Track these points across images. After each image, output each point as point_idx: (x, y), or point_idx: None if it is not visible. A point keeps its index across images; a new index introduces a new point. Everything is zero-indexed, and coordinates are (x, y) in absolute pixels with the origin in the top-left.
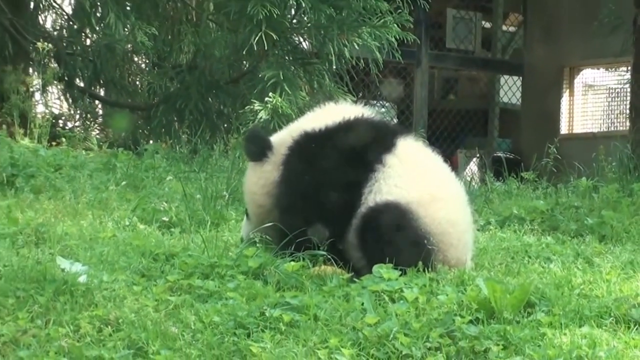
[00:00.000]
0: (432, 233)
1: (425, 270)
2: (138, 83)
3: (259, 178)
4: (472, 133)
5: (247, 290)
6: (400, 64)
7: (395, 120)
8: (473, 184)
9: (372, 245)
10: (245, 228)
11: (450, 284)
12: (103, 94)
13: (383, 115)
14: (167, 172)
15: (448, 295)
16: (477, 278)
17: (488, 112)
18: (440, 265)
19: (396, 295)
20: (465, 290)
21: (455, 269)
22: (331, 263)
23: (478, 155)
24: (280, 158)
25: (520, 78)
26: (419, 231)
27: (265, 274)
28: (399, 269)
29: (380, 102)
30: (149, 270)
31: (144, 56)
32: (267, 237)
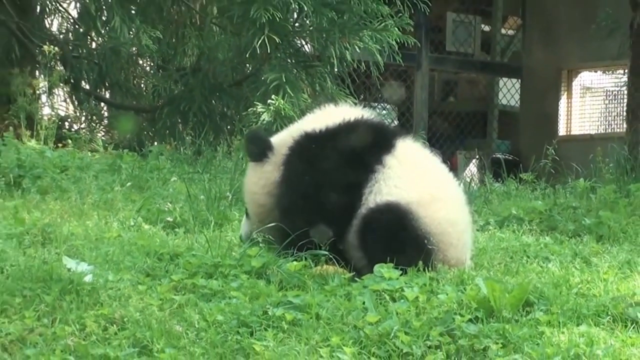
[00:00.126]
0: (432, 233)
1: (426, 269)
2: (143, 85)
3: (260, 178)
4: (472, 135)
5: (250, 289)
6: (401, 66)
7: (396, 122)
8: (472, 184)
9: (373, 245)
10: (244, 227)
11: (450, 283)
12: (108, 96)
13: (383, 117)
14: (172, 173)
15: (448, 295)
16: (477, 277)
17: (487, 114)
18: (440, 265)
19: (397, 294)
20: (464, 289)
21: (455, 268)
22: (333, 263)
23: (477, 156)
24: (281, 158)
25: (519, 80)
26: (419, 231)
27: (268, 273)
28: (400, 269)
29: (381, 104)
30: (154, 269)
31: (149, 59)
32: (270, 237)
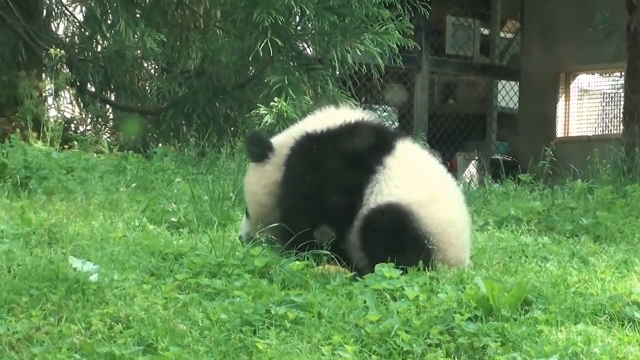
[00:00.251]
0: (432, 233)
1: (426, 269)
2: (147, 88)
3: (260, 178)
4: (471, 136)
5: (253, 288)
6: (402, 69)
7: (396, 124)
8: (472, 185)
9: (374, 245)
10: (244, 227)
11: (449, 282)
12: (114, 98)
13: (383, 119)
14: (176, 174)
15: (448, 294)
16: (476, 277)
17: (486, 116)
18: (440, 264)
19: (397, 293)
20: (464, 288)
21: (455, 268)
22: (335, 262)
23: (476, 157)
24: (282, 159)
25: (518, 83)
26: (419, 231)
27: (270, 273)
28: (400, 268)
29: (382, 107)
30: (158, 269)
31: (153, 62)
32: (271, 237)
